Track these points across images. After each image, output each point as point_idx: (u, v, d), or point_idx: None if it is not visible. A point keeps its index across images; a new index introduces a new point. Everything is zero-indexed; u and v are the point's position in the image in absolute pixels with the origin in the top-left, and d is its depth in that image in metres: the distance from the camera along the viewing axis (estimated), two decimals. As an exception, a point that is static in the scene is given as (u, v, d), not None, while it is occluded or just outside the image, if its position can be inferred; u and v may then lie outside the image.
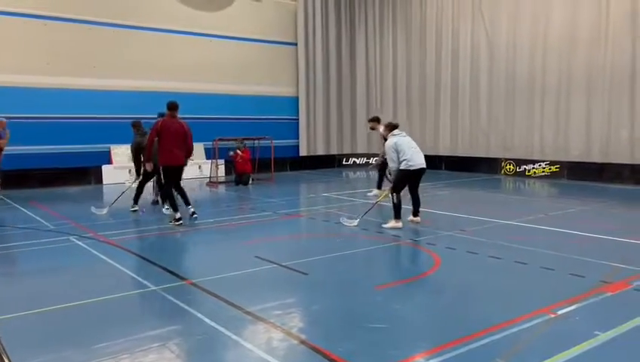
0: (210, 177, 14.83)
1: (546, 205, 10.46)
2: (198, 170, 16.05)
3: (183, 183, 8.85)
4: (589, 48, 13.54)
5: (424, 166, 7.94)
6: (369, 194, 11.26)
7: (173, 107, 8.28)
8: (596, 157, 13.70)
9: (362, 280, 5.47)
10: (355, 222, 8.05)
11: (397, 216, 7.78)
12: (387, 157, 8.06)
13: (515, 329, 3.89)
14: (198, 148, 16.45)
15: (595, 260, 5.87)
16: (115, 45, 14.83)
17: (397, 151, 7.79)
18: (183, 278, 5.39)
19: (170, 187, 8.53)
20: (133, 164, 10.43)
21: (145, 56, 15.31)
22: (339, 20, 19.47)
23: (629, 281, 5.04)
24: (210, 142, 14.85)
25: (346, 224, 8.05)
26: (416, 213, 8.18)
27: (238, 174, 14.18)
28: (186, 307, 4.51)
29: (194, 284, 5.18)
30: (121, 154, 15.12)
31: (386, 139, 8.17)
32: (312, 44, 18.77)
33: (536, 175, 14.95)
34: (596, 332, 3.78)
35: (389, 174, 10.64)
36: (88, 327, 4.15)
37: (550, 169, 14.73)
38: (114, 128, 14.68)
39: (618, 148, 13.26)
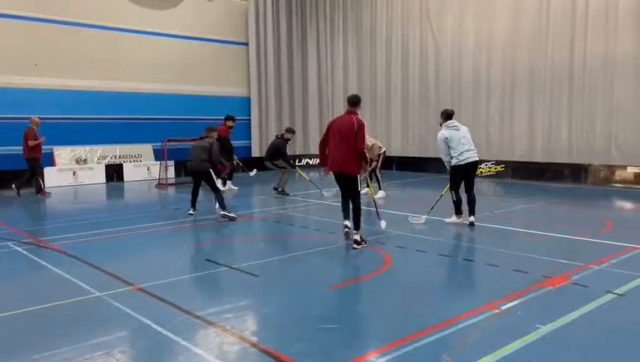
0: (159, 179, 14.48)
1: (492, 204, 10.79)
2: (147, 171, 15.68)
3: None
4: (531, 48, 14.08)
5: (474, 159, 7.91)
6: (377, 196, 10.63)
7: (351, 101, 6.74)
8: (539, 157, 14.28)
9: (314, 281, 5.47)
10: (423, 219, 8.15)
11: (457, 211, 8.01)
12: (439, 149, 8.02)
13: (461, 326, 4.00)
14: (147, 150, 16.10)
15: (538, 256, 6.10)
16: (59, 43, 14.25)
17: (448, 146, 7.79)
18: (129, 283, 5.22)
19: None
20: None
21: (91, 55, 14.78)
22: (290, 21, 19.44)
23: (569, 276, 5.27)
24: (159, 143, 14.51)
25: (413, 221, 8.15)
26: (471, 213, 7.96)
27: None
28: (133, 313, 4.38)
29: (141, 289, 5.04)
30: (65, 156, 14.57)
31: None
32: (264, 44, 18.66)
33: (483, 174, 15.42)
34: (537, 326, 3.94)
35: (375, 176, 10.79)
36: (28, 336, 3.96)
37: (496, 168, 15.24)
38: (57, 129, 14.09)
39: (558, 147, 13.87)
